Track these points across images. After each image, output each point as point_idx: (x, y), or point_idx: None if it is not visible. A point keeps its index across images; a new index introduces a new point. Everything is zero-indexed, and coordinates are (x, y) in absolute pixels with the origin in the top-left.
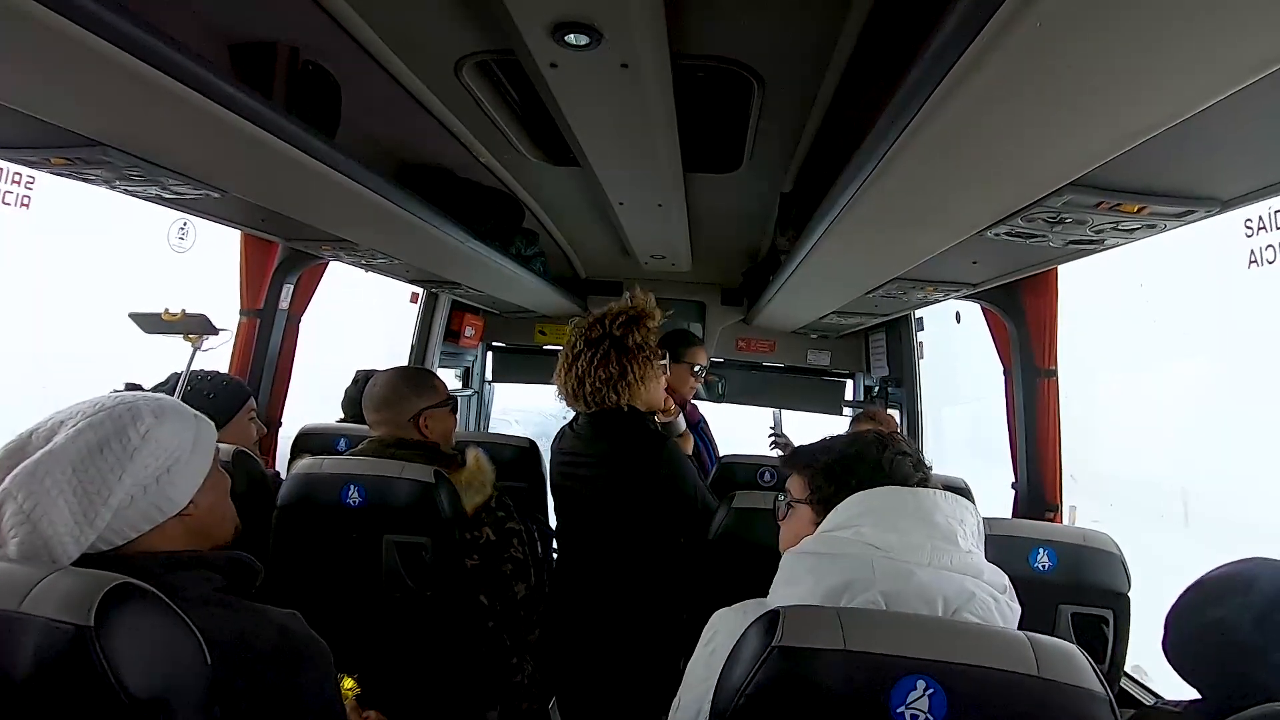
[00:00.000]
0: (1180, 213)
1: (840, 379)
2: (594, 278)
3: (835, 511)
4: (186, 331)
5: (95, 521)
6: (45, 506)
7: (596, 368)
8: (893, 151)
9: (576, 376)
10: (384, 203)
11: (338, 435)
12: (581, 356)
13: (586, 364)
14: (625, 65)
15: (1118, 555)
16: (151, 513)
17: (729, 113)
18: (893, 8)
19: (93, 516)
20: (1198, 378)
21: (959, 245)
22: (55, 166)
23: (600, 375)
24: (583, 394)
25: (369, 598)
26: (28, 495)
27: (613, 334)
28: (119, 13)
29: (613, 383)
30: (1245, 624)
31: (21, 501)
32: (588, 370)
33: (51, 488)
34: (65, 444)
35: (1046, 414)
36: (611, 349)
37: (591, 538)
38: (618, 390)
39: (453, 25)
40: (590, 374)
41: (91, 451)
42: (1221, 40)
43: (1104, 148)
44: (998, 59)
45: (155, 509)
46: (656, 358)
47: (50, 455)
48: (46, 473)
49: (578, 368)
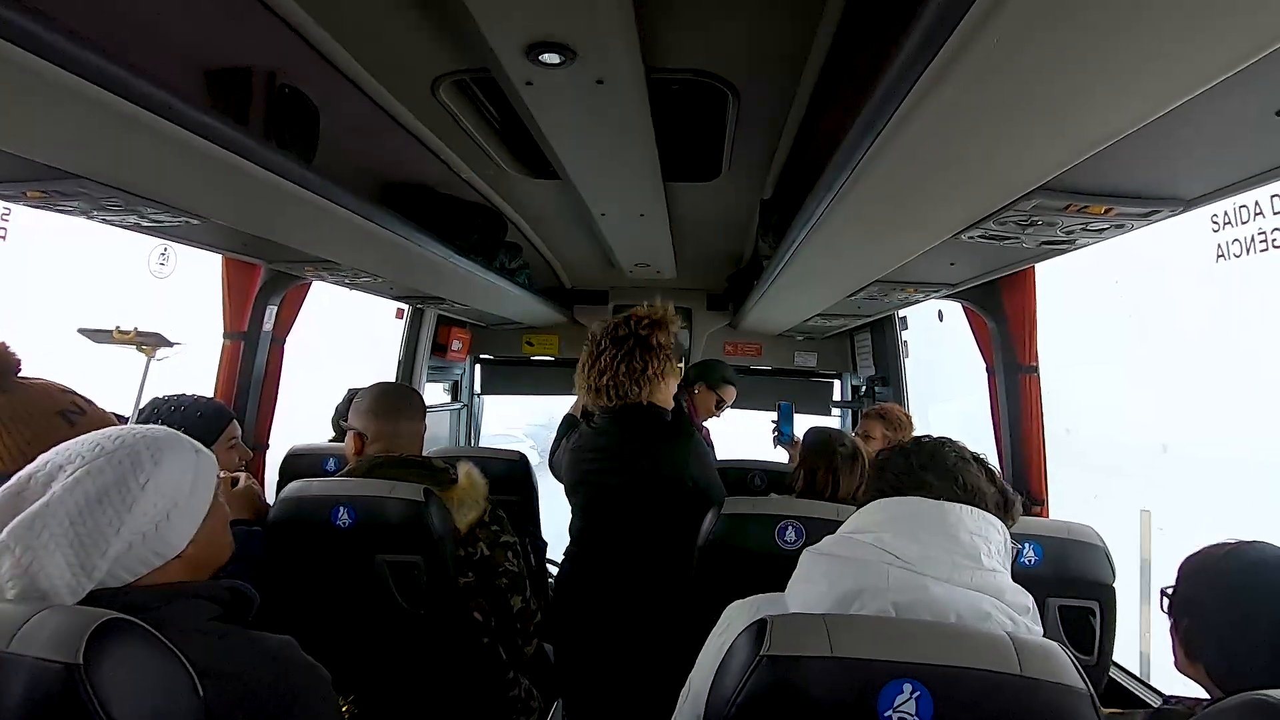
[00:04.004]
0: (1146, 213)
1: (828, 379)
2: (579, 287)
3: (859, 514)
4: (140, 344)
5: (93, 573)
6: (42, 560)
7: (620, 362)
8: (865, 161)
9: (599, 370)
10: (365, 223)
11: (326, 455)
12: (606, 353)
13: (610, 359)
14: (600, 81)
15: (1101, 547)
16: (149, 558)
17: (706, 123)
18: (860, 21)
19: (90, 568)
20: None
21: (936, 248)
22: (31, 200)
23: (623, 369)
24: (603, 387)
25: (363, 619)
26: (25, 549)
27: (638, 333)
28: (92, 49)
29: (635, 377)
30: None
31: (19, 555)
32: (610, 364)
33: (49, 541)
34: (63, 495)
35: (1030, 409)
36: (637, 346)
37: (621, 531)
38: (639, 384)
39: (428, 46)
40: (613, 368)
41: (90, 503)
42: (1174, 52)
43: (1067, 154)
44: (958, 75)
45: (153, 554)
46: (675, 360)
47: (47, 508)
48: (44, 526)
49: (601, 362)
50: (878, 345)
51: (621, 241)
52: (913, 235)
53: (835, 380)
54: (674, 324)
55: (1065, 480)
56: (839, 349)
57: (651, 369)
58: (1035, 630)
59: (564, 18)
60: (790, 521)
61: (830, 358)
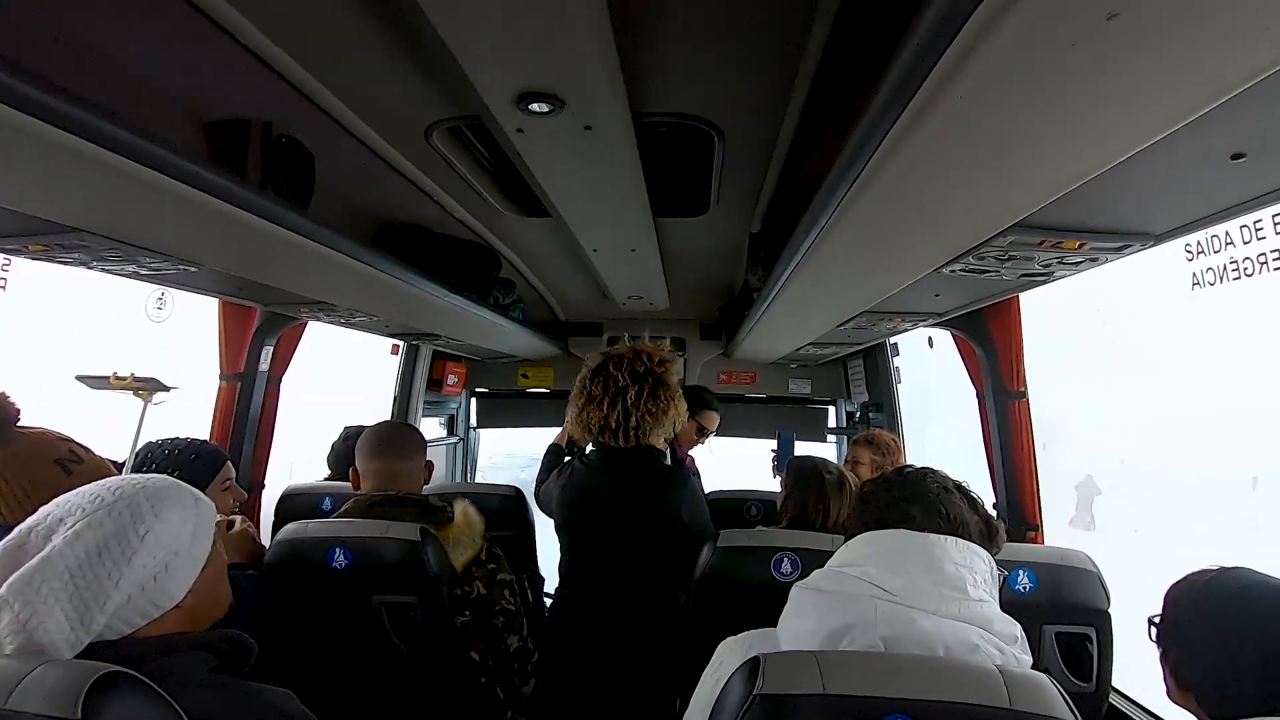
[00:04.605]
0: (1118, 246)
1: (823, 406)
2: (573, 319)
3: (846, 548)
4: (136, 389)
5: (91, 626)
6: (42, 615)
7: (646, 400)
8: (846, 201)
9: (623, 410)
10: (361, 266)
11: (322, 495)
12: (629, 390)
13: (635, 397)
14: (589, 127)
15: (1095, 573)
16: (148, 609)
17: (693, 162)
18: (837, 70)
19: (88, 622)
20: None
21: (920, 280)
22: (33, 252)
23: (649, 408)
24: (627, 428)
25: (359, 662)
26: (24, 605)
27: (654, 370)
28: (91, 110)
29: (657, 416)
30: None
31: (18, 610)
32: (636, 403)
33: (48, 596)
34: (63, 548)
35: (1020, 435)
36: (658, 385)
37: (612, 573)
38: (661, 425)
39: (421, 96)
40: (639, 406)
41: (90, 556)
42: (1134, 102)
43: (1038, 195)
44: (928, 124)
45: (152, 605)
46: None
47: (46, 562)
48: (43, 581)
49: (624, 400)
50: (870, 372)
51: (614, 275)
52: (896, 270)
53: (830, 407)
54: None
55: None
56: (833, 376)
57: (674, 410)
58: (1024, 660)
59: (552, 69)
60: (786, 553)
61: (824, 385)
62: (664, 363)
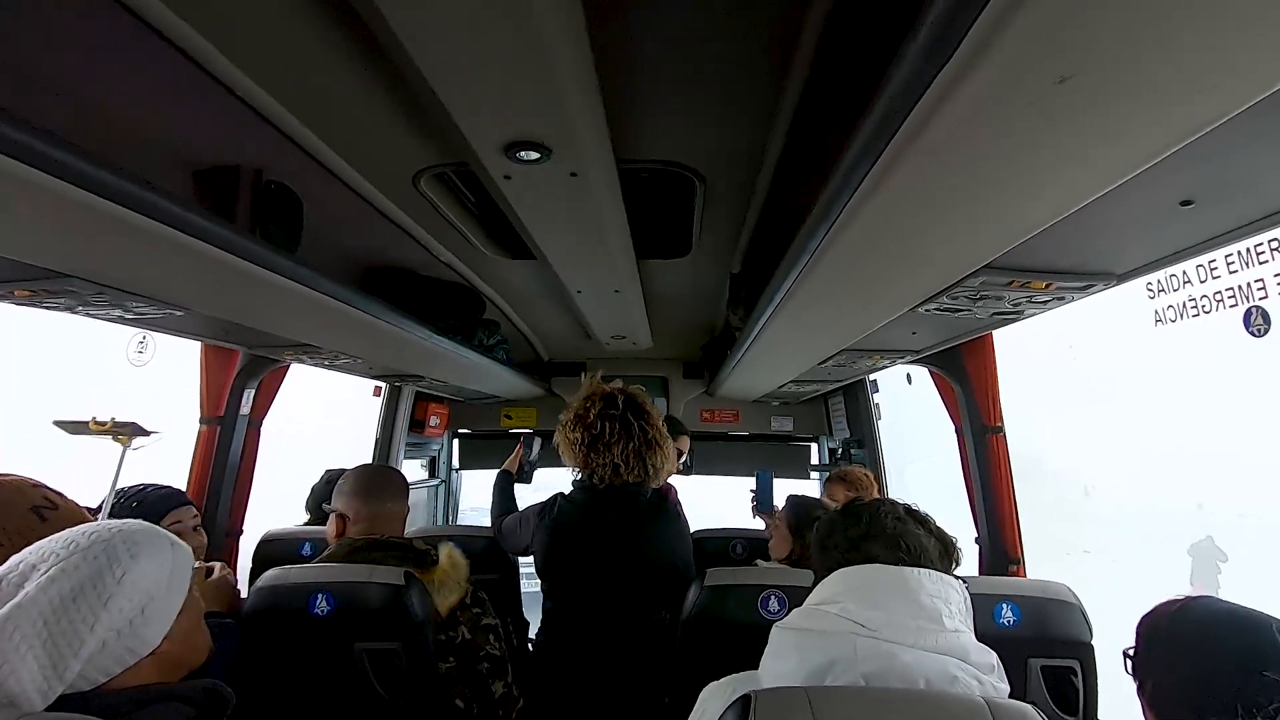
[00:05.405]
0: (1083, 286)
1: (805, 443)
2: (557, 359)
3: (821, 586)
4: (115, 434)
5: (65, 674)
6: (14, 664)
7: (652, 439)
8: (823, 246)
9: (634, 450)
10: (348, 309)
11: (301, 539)
12: (633, 428)
13: (641, 435)
14: (574, 174)
15: (1076, 605)
16: (124, 656)
17: (675, 207)
18: (812, 120)
19: (61, 670)
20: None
21: (897, 318)
22: (19, 298)
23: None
24: (638, 468)
25: (340, 710)
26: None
27: (648, 412)
28: (80, 156)
29: (663, 456)
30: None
31: None
32: (643, 441)
33: (21, 643)
34: (36, 595)
35: (999, 469)
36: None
37: (603, 608)
38: (665, 465)
39: (410, 143)
40: (650, 447)
41: (65, 601)
42: (1087, 153)
43: (1004, 239)
44: (898, 175)
45: (128, 652)
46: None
47: (19, 609)
48: (15, 628)
49: (636, 439)
50: (851, 409)
51: (598, 316)
52: (873, 309)
53: (812, 444)
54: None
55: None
56: (814, 413)
57: (667, 447)
58: (1002, 689)
59: (539, 119)
60: (773, 591)
61: (806, 422)
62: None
